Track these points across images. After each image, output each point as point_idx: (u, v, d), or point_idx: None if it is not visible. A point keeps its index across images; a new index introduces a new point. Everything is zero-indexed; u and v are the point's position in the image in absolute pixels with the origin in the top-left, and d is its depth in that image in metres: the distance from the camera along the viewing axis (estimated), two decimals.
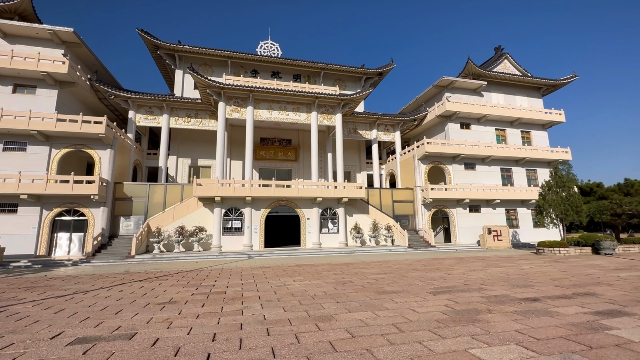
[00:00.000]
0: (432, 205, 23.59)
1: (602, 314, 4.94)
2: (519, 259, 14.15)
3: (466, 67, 27.10)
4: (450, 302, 5.82)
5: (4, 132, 17.10)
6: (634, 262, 12.50)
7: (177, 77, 24.97)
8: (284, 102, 21.77)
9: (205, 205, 19.68)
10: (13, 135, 17.34)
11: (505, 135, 27.41)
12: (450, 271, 10.29)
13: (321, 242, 20.53)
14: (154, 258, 15.77)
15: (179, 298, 6.56)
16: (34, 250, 16.68)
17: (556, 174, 19.11)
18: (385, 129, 27.12)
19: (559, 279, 8.51)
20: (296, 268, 11.76)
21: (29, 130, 16.83)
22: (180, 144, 24.88)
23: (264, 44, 27.78)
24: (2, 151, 17.28)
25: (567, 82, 28.68)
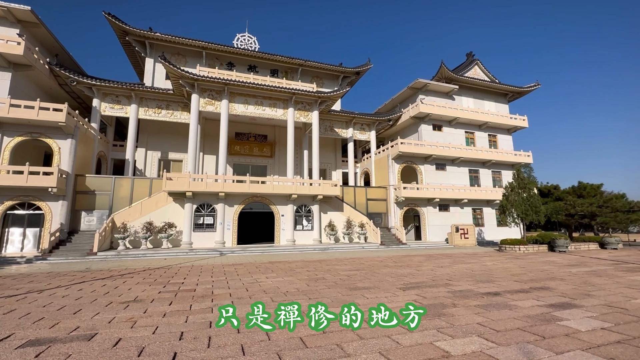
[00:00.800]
0: (404, 203, 24.26)
1: (554, 306, 5.32)
2: (483, 256, 14.90)
3: (439, 71, 28.01)
4: (419, 297, 6.02)
5: None
6: (583, 259, 13.57)
7: (148, 66, 23.81)
8: (260, 97, 21.42)
9: (176, 201, 18.99)
10: None
11: (474, 138, 28.69)
12: (419, 268, 10.65)
13: (295, 239, 20.49)
14: (119, 255, 15.01)
15: (145, 296, 6.29)
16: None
17: (518, 176, 20.28)
18: (361, 128, 27.47)
19: (518, 274, 9.06)
20: (269, 265, 11.66)
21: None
22: (149, 136, 23.77)
23: (240, 36, 27.14)
24: None
25: (530, 89, 30.47)
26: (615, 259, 13.29)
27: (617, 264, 11.29)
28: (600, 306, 5.29)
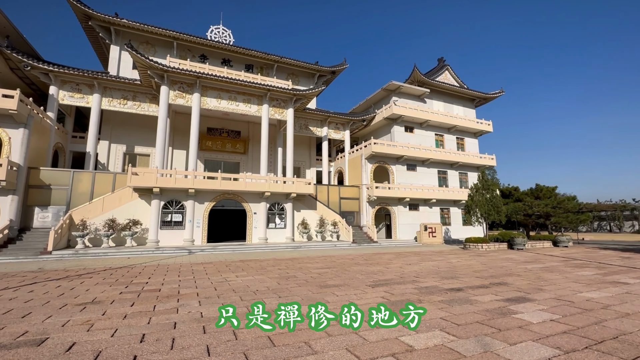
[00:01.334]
0: (376, 202, 24.78)
1: (510, 300, 5.67)
2: (449, 254, 15.57)
3: (412, 74, 28.84)
4: (387, 294, 6.18)
5: None
6: (538, 256, 14.57)
7: (113, 54, 22.49)
8: (234, 92, 20.92)
9: (142, 197, 18.12)
10: None
11: (443, 140, 29.86)
12: (389, 265, 10.92)
13: (268, 237, 20.29)
14: (77, 254, 14.08)
15: (104, 297, 5.96)
16: None
17: (483, 178, 21.39)
18: (336, 127, 27.67)
19: (480, 271, 9.57)
20: (240, 263, 11.46)
21: None
22: (114, 128, 22.47)
23: (215, 28, 26.35)
24: None
25: (495, 96, 32.20)
26: (565, 256, 14.40)
27: (567, 261, 12.24)
28: (551, 299, 5.71)
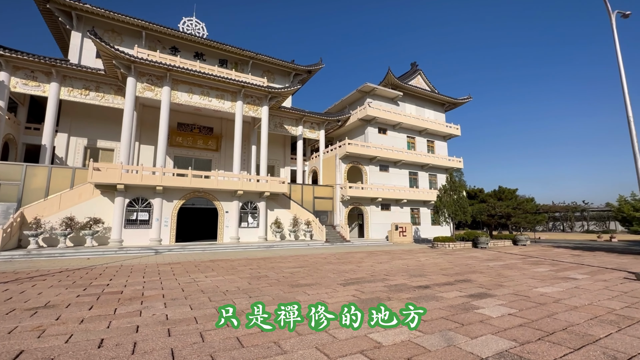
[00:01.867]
0: (349, 202, 25.09)
1: (473, 296, 5.96)
2: (418, 252, 16.10)
3: (386, 77, 29.49)
4: (358, 292, 6.27)
5: None
6: (499, 254, 15.44)
7: (74, 41, 21.04)
8: (207, 87, 20.30)
9: (104, 194, 17.11)
10: None
11: (415, 142, 30.82)
12: (360, 264, 11.10)
13: (240, 236, 19.90)
14: (29, 255, 13.02)
15: (59, 301, 5.55)
16: None
17: (451, 179, 22.32)
18: (311, 126, 27.69)
19: (446, 268, 9.97)
20: (210, 263, 11.15)
21: None
22: (74, 120, 21.02)
23: (187, 20, 25.46)
24: None
25: (464, 101, 33.71)
26: (524, 254, 15.37)
27: (525, 258, 13.07)
28: (509, 295, 6.07)
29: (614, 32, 9.73)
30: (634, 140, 8.91)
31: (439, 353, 3.26)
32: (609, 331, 3.94)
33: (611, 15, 9.82)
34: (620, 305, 5.24)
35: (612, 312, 4.83)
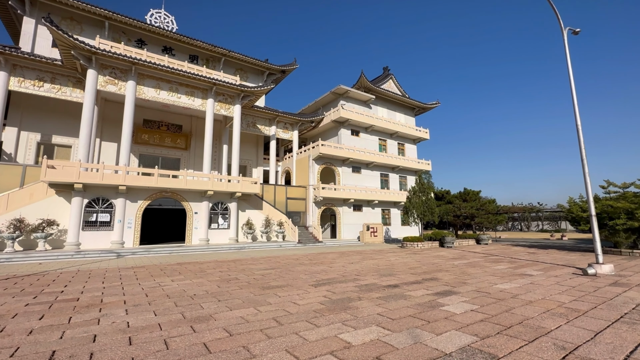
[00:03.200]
0: (322, 203, 25.20)
1: (439, 294, 6.20)
2: (388, 252, 16.50)
3: (359, 80, 29.99)
4: (329, 293, 6.31)
5: None
6: (464, 252, 16.21)
7: (26, 27, 19.42)
8: (175, 83, 19.52)
9: (60, 194, 15.90)
10: None
11: (386, 145, 31.59)
12: (332, 264, 11.18)
13: (209, 238, 19.32)
14: None
15: (4, 311, 5.07)
16: None
17: (420, 181, 23.12)
18: (285, 127, 27.51)
19: (414, 267, 10.30)
20: (177, 267, 10.71)
21: None
22: (25, 113, 19.35)
23: (155, 12, 24.37)
24: None
25: (433, 106, 35.07)
26: (486, 252, 16.25)
27: (487, 257, 13.83)
28: (472, 292, 6.38)
29: (566, 48, 10.57)
30: (581, 146, 9.74)
31: (406, 351, 3.35)
32: (559, 323, 4.26)
33: (563, 31, 10.66)
34: (569, 299, 5.68)
35: (561, 306, 5.22)
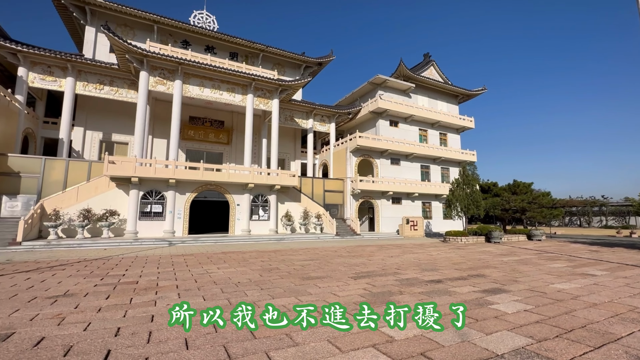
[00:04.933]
0: (360, 196, 24.98)
1: (487, 291, 5.85)
2: (429, 247, 15.95)
3: (398, 69, 28.96)
4: (369, 286, 6.24)
5: None
6: (514, 249, 15.15)
7: (88, 35, 21.36)
8: (217, 81, 20.36)
9: (119, 187, 17.50)
10: None
11: (427, 135, 30.32)
12: (371, 257, 11.06)
13: (251, 229, 20.11)
14: (49, 245, 13.49)
15: (77, 290, 5.72)
16: None
17: (464, 173, 21.93)
18: (321, 119, 27.54)
19: (458, 263, 9.84)
20: (222, 255, 11.31)
21: None
22: (89, 114, 21.47)
23: (198, 13, 25.47)
24: None
25: (478, 93, 32.86)
26: (539, 249, 15.03)
27: (540, 254, 12.78)
28: (525, 290, 5.93)
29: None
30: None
31: (453, 349, 3.20)
32: (631, 329, 3.80)
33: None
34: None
35: (634, 310, 4.66)
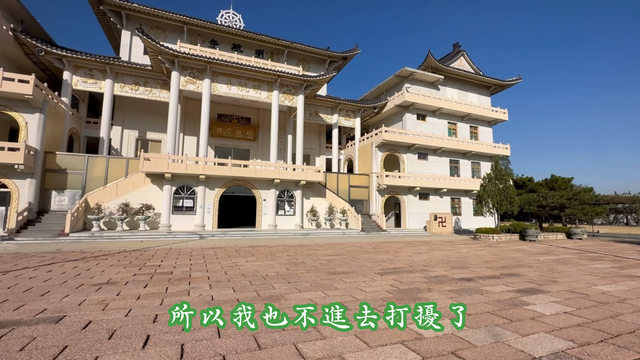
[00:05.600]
0: (385, 191, 24.61)
1: (522, 291, 5.58)
2: (458, 244, 15.44)
3: (426, 60, 28.02)
4: (396, 282, 6.16)
5: None
6: (551, 247, 14.31)
7: (124, 39, 22.50)
8: (244, 78, 20.78)
9: (154, 182, 18.42)
10: None
11: (456, 129, 29.20)
12: (397, 254, 10.90)
13: (277, 223, 20.47)
14: (93, 236, 14.52)
15: (119, 279, 6.12)
16: None
17: (496, 167, 20.93)
18: (346, 114, 27.33)
19: (490, 261, 9.45)
20: (249, 249, 11.62)
21: None
22: (126, 113, 22.72)
23: (225, 12, 26.01)
24: None
25: (512, 83, 31.10)
26: (580, 248, 14.10)
27: (582, 253, 11.98)
28: (564, 292, 5.60)
29: None
30: None
31: (486, 349, 3.09)
32: None
33: None
34: None
35: None
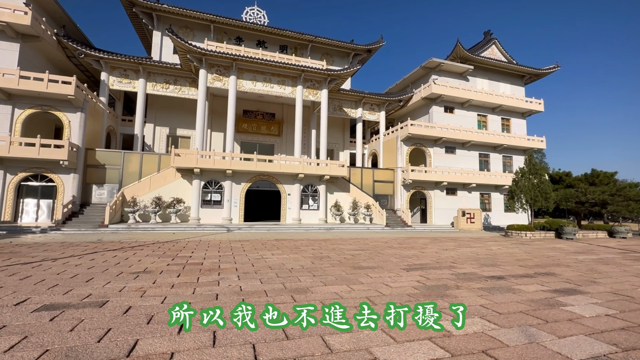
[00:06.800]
0: (411, 186, 24.12)
1: (559, 292, 5.31)
2: (488, 241, 14.89)
3: (454, 50, 26.93)
4: (422, 278, 6.06)
5: None
6: (591, 246, 13.45)
7: (155, 39, 23.41)
8: (268, 74, 21.01)
9: (184, 177, 19.19)
10: None
11: (487, 121, 27.94)
12: (424, 250, 10.69)
13: (301, 218, 20.69)
14: (129, 228, 15.40)
15: (154, 268, 6.47)
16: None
17: (530, 161, 19.83)
18: (371, 108, 26.93)
19: (523, 259, 9.04)
20: (275, 242, 11.85)
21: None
22: (157, 111, 23.74)
23: (249, 9, 26.30)
24: None
25: (549, 72, 29.23)
26: (623, 247, 13.14)
27: (625, 253, 11.17)
28: (606, 293, 5.26)
29: None
30: None
31: (519, 349, 2.99)
32: None
33: None
34: None
35: None
